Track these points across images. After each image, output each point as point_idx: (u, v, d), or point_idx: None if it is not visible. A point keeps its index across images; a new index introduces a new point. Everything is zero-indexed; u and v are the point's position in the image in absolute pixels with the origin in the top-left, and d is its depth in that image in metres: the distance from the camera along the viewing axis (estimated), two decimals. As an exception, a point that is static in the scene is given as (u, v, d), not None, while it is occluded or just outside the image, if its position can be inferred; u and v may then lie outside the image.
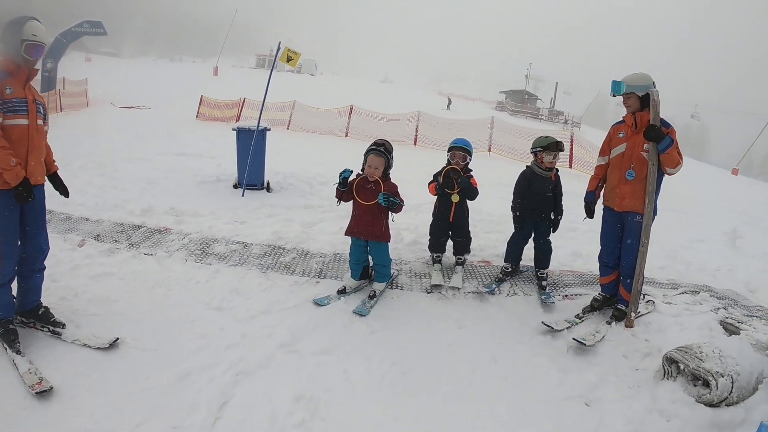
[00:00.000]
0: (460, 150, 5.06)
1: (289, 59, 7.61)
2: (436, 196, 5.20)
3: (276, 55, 7.73)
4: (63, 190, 4.01)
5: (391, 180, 4.62)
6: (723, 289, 5.69)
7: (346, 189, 4.49)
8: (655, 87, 4.19)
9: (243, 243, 5.67)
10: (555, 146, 4.91)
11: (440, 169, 5.09)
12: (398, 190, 4.58)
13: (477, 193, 5.03)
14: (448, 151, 5.15)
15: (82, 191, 7.29)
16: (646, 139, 4.13)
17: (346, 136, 19.31)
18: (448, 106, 41.94)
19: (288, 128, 20.06)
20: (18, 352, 3.39)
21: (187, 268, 4.97)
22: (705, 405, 3.35)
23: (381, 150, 4.46)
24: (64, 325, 3.75)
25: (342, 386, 3.42)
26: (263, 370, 3.49)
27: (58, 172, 4.01)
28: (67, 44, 20.99)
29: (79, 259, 4.99)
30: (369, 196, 4.45)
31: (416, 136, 18.92)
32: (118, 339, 3.63)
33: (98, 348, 3.53)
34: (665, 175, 4.27)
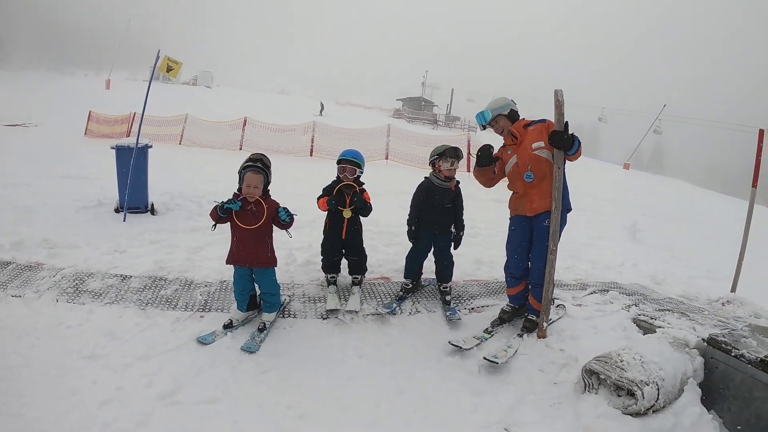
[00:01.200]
0: (350, 163, 4.71)
1: (169, 69, 7.02)
2: (326, 212, 4.83)
3: (155, 66, 7.07)
4: None
5: (272, 197, 4.16)
6: (631, 284, 5.84)
7: (226, 215, 3.98)
8: (515, 103, 4.36)
9: (121, 276, 5.02)
10: (452, 152, 4.64)
11: (330, 183, 4.76)
12: (280, 206, 4.11)
13: (371, 210, 4.74)
14: (338, 164, 4.78)
15: (-52, 226, 6.31)
16: (553, 147, 4.01)
17: (241, 149, 19.02)
18: (320, 112, 41.97)
19: (180, 143, 19.59)
20: None
21: (57, 311, 4.32)
22: (632, 416, 3.24)
23: (259, 166, 4.00)
24: None
25: (232, 440, 3.04)
26: (142, 429, 3.04)
27: None
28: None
29: (-62, 309, 4.22)
30: (250, 219, 3.98)
31: (312, 146, 18.88)
32: None
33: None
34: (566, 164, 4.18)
